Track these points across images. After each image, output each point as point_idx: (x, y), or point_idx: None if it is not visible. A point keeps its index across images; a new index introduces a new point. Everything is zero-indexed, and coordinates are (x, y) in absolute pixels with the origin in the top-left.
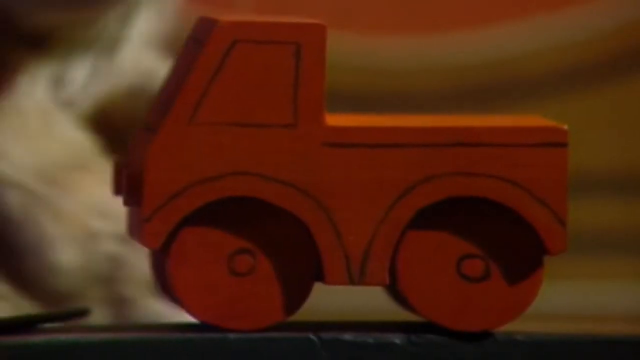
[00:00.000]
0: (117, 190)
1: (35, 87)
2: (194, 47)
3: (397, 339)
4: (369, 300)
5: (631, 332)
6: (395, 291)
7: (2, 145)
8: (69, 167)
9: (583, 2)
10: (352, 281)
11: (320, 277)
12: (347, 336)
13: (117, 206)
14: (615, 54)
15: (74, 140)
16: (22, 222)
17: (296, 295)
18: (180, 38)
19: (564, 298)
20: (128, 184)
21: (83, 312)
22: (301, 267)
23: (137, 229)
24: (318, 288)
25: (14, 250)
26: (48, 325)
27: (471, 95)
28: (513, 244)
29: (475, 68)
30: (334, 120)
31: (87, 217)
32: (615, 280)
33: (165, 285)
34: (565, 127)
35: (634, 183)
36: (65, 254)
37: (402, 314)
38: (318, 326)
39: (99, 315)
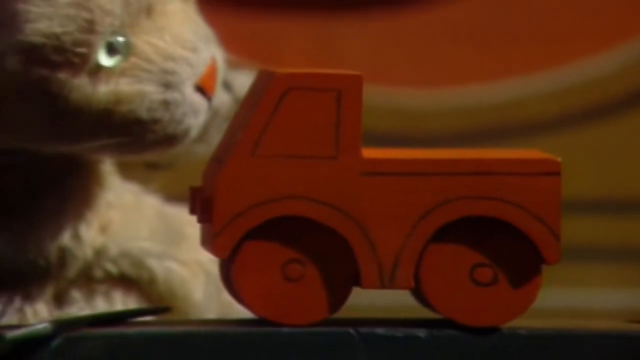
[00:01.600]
0: (192, 210)
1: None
2: (255, 94)
3: (421, 333)
4: (397, 301)
5: (614, 328)
6: (419, 293)
7: (128, 229)
8: (168, 225)
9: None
10: (383, 285)
11: (357, 282)
12: (380, 330)
13: None
14: (597, 101)
15: (156, 202)
16: (167, 280)
17: (337, 297)
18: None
19: (558, 300)
20: (201, 206)
21: (164, 309)
22: (342, 274)
23: (208, 242)
24: (356, 291)
25: (166, 302)
26: (137, 319)
27: (481, 134)
28: (516, 255)
29: (483, 112)
30: (369, 153)
31: (197, 253)
32: (602, 285)
33: (231, 288)
34: (559, 159)
35: (615, 204)
36: (197, 291)
37: (425, 313)
38: (356, 322)
39: None
